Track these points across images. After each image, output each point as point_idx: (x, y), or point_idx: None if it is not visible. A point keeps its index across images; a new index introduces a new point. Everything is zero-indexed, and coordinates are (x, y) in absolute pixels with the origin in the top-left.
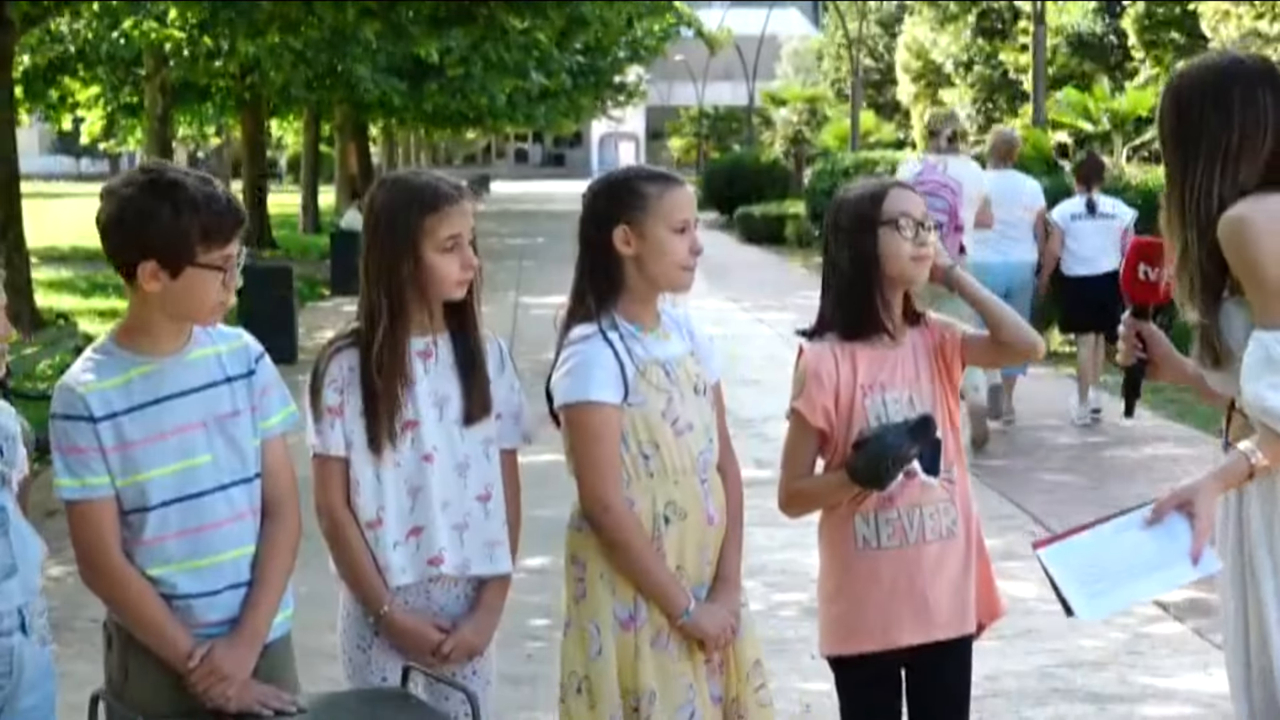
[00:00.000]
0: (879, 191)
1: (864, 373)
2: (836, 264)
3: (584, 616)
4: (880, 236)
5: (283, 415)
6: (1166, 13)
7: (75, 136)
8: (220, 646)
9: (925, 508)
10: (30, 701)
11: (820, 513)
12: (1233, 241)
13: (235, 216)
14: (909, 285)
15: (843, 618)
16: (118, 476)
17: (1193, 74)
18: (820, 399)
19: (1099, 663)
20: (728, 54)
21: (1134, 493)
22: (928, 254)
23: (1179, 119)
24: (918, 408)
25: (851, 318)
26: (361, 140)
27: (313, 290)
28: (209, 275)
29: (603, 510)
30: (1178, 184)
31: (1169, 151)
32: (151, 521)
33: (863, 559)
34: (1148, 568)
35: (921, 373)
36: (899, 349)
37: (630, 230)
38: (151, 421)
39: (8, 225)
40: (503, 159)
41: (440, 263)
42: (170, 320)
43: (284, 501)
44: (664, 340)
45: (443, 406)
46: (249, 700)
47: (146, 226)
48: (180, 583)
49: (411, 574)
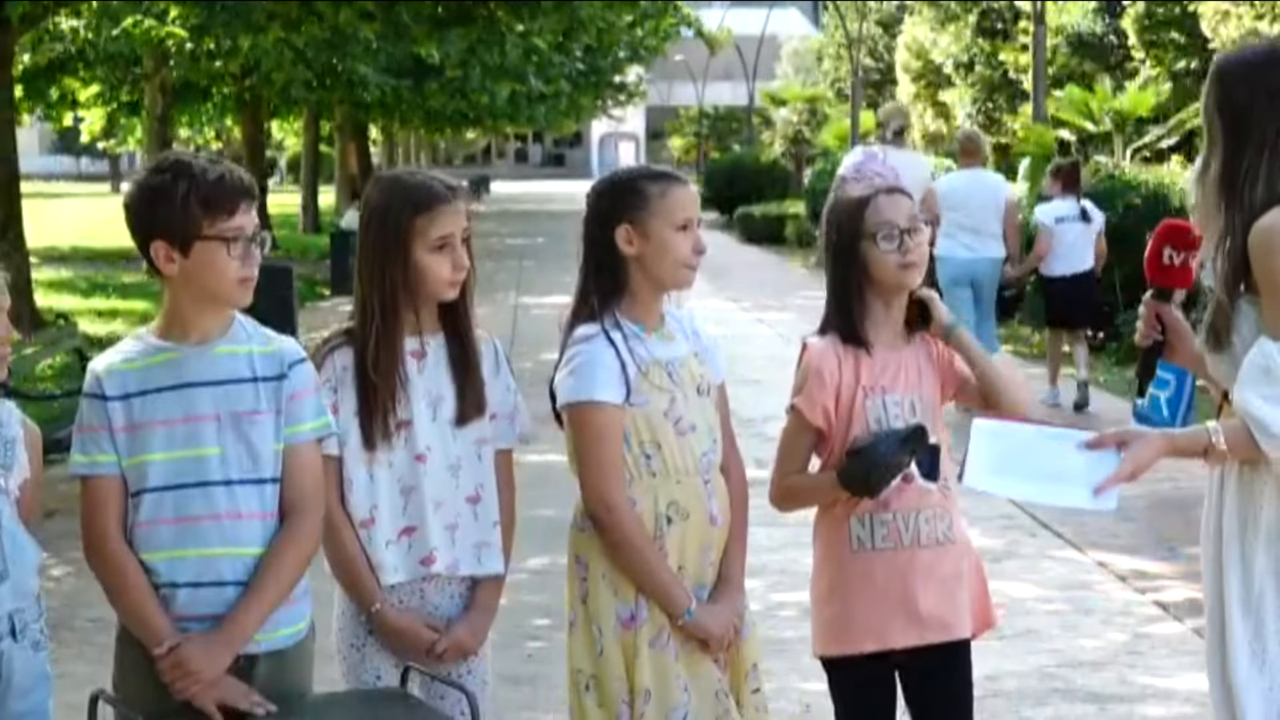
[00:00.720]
0: (862, 202)
1: (866, 374)
2: (829, 270)
3: (588, 615)
4: (864, 248)
5: (315, 424)
6: (1166, 13)
7: (75, 136)
8: (194, 642)
9: (922, 512)
10: (22, 707)
11: (816, 513)
12: (1262, 249)
13: (239, 186)
14: (901, 293)
15: (836, 618)
16: (124, 457)
17: (1243, 61)
18: (820, 397)
19: (1099, 663)
20: (728, 54)
21: (1134, 493)
22: (915, 260)
23: (1228, 106)
24: (918, 413)
25: (844, 324)
26: (361, 140)
27: (313, 290)
28: (218, 247)
29: (606, 510)
30: (1226, 170)
31: (1216, 138)
32: (145, 504)
33: (856, 560)
34: (1052, 478)
35: (925, 379)
36: (903, 353)
37: (633, 229)
38: (164, 406)
39: (8, 225)
40: (503, 159)
41: (431, 263)
42: (197, 305)
43: (300, 508)
44: (667, 341)
45: (436, 406)
46: (213, 699)
47: (152, 207)
48: (164, 570)
49: (404, 573)
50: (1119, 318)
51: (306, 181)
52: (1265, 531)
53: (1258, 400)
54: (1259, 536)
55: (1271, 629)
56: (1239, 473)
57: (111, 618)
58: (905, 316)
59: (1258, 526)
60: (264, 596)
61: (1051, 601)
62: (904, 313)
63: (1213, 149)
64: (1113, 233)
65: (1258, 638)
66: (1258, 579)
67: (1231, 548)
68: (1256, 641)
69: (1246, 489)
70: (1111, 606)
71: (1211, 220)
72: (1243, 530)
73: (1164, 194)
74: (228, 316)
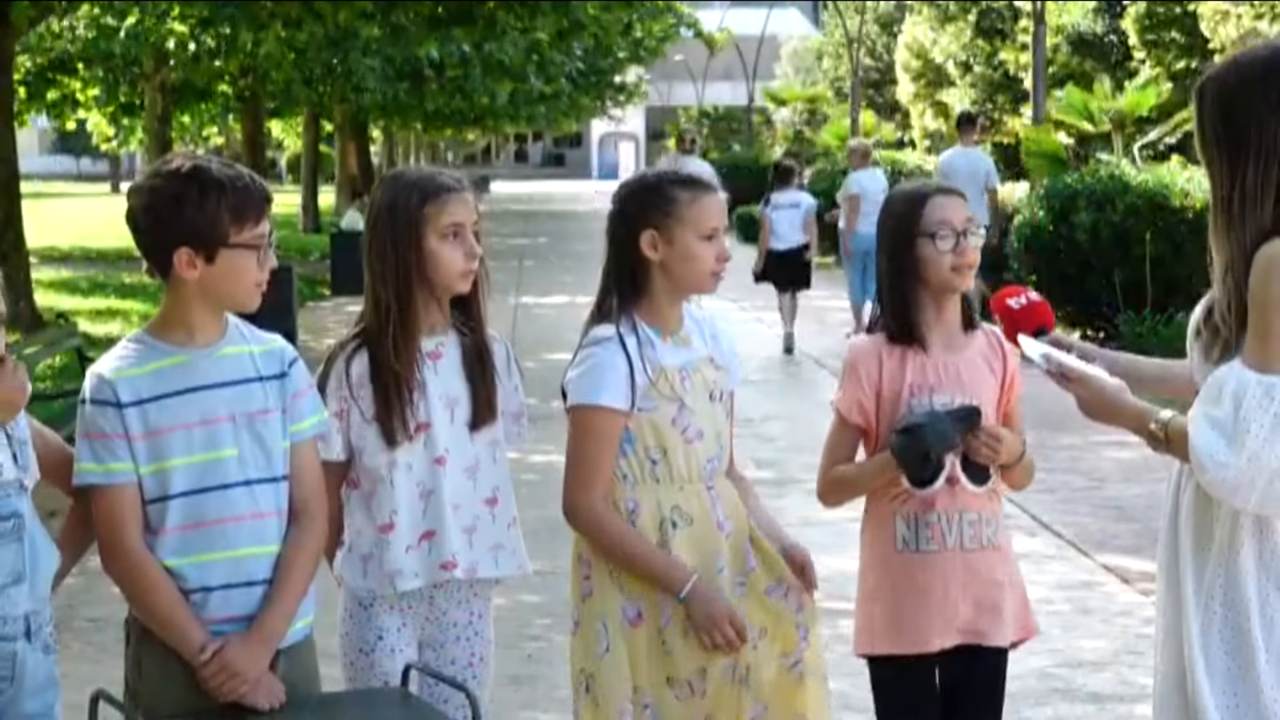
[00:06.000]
0: (919, 199)
1: (913, 373)
2: (883, 268)
3: (591, 615)
4: (919, 246)
5: (314, 420)
6: (1166, 13)
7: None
8: (234, 643)
9: (966, 514)
10: (33, 708)
11: (864, 512)
12: (1263, 274)
13: (261, 194)
14: (953, 293)
15: (880, 617)
16: (142, 464)
17: (1234, 69)
18: (857, 395)
19: (1099, 663)
20: (728, 54)
21: (1134, 493)
22: (968, 262)
23: (1224, 119)
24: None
25: (895, 323)
26: (361, 140)
27: (313, 290)
28: (245, 255)
29: (572, 513)
30: (1225, 190)
31: (1213, 156)
32: (171, 511)
33: (901, 560)
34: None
35: (982, 382)
36: (957, 355)
37: (659, 236)
38: (180, 410)
39: (7, 225)
40: (503, 159)
41: (443, 250)
42: (209, 309)
43: (311, 505)
44: (683, 345)
45: (453, 409)
46: (263, 696)
47: (177, 214)
48: (194, 575)
49: (423, 578)
50: (1119, 318)
51: (306, 181)
52: (1218, 546)
53: (1200, 418)
54: (1211, 549)
55: (1217, 639)
56: (1195, 487)
57: (111, 617)
58: (962, 315)
59: (1210, 539)
60: (292, 593)
61: (1051, 602)
62: (958, 313)
63: (1217, 170)
64: (1113, 233)
65: (1205, 649)
66: (1206, 590)
67: (1185, 560)
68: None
69: (1203, 502)
70: (1111, 607)
71: (1221, 246)
72: (1195, 539)
73: (1164, 194)
74: (226, 317)
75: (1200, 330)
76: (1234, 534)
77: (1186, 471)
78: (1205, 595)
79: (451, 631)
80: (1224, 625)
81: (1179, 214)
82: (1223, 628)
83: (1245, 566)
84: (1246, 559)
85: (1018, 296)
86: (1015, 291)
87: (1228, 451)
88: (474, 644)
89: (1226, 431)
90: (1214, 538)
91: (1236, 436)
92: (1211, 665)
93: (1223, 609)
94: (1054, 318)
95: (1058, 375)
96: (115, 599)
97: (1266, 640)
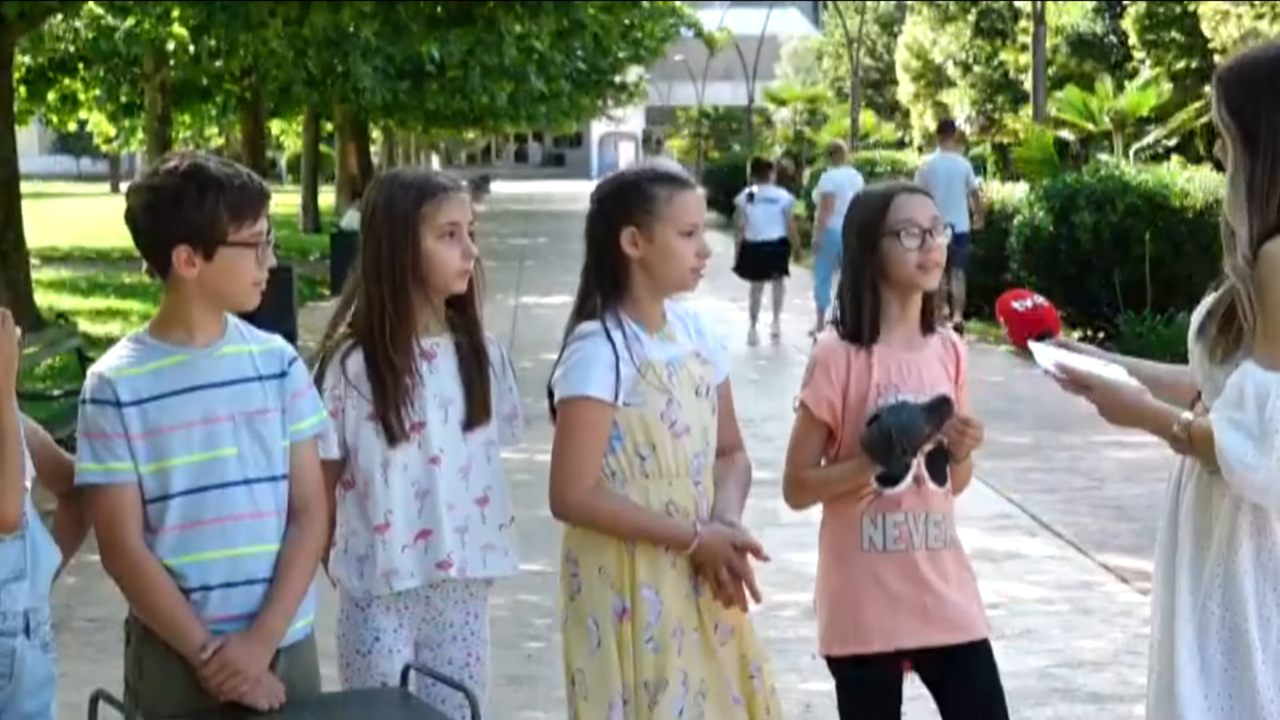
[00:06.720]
0: (885, 198)
1: (879, 372)
2: (848, 266)
3: (581, 612)
4: (884, 244)
5: (314, 420)
6: (1167, 13)
7: (75, 136)
8: (235, 642)
9: (931, 515)
10: (30, 706)
11: (824, 514)
12: (1268, 273)
13: (259, 191)
14: (916, 291)
15: (844, 618)
16: (142, 463)
17: (1247, 66)
18: (825, 392)
19: (1099, 663)
20: (728, 54)
21: (1134, 493)
22: (934, 260)
23: (1237, 115)
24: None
25: (854, 321)
26: (361, 140)
27: (313, 290)
28: (243, 253)
29: (562, 508)
30: (1242, 183)
31: (1231, 148)
32: (171, 510)
33: (866, 560)
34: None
35: (941, 379)
36: (918, 354)
37: (638, 233)
38: (181, 409)
39: (7, 225)
40: (503, 159)
41: (440, 250)
42: (208, 307)
43: (311, 504)
44: (668, 341)
45: (447, 409)
46: (263, 695)
47: (176, 212)
48: (194, 574)
49: (419, 577)
50: (1119, 318)
51: (306, 181)
52: (1216, 545)
53: (1223, 423)
54: (1210, 548)
55: (1214, 639)
56: (1195, 485)
57: (111, 617)
58: (921, 316)
59: (1209, 538)
60: (292, 592)
61: (1051, 602)
62: (919, 312)
63: (1233, 161)
64: (1113, 233)
65: (1202, 649)
66: (1204, 589)
67: (1183, 569)
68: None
69: (1203, 502)
70: (1111, 607)
71: (1238, 228)
72: (1195, 544)
73: (1164, 194)
74: (225, 317)
75: (1202, 330)
76: (1233, 533)
77: (1186, 471)
78: (1203, 595)
79: (448, 632)
80: (1221, 625)
81: (1179, 214)
82: (1220, 627)
83: (1243, 566)
84: (1245, 558)
85: (1023, 300)
86: (1020, 295)
87: (1256, 453)
88: (471, 644)
89: (1253, 434)
90: (1213, 536)
91: (1264, 438)
92: (1208, 665)
93: (1220, 608)
94: (1060, 322)
95: (1070, 384)
96: (115, 599)
97: (1263, 640)
